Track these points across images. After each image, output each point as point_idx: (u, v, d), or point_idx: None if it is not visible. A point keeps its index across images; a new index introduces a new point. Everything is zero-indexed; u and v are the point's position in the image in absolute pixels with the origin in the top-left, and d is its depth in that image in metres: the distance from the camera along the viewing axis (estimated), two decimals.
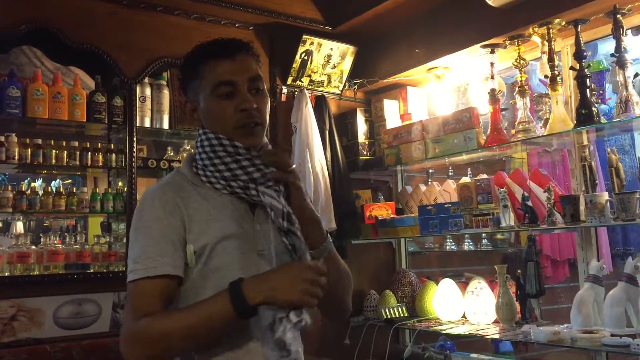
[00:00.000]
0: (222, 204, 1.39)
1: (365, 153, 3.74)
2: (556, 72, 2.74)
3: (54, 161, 2.90)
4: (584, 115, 2.57)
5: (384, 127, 3.69)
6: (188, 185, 1.42)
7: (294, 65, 3.51)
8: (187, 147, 3.34)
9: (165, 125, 3.22)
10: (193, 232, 1.35)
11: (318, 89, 3.68)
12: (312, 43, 3.49)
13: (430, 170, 3.90)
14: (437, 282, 3.38)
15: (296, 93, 3.57)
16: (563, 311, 3.25)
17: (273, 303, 1.23)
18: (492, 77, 3.03)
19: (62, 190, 2.96)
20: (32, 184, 3.04)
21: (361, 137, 3.73)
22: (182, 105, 1.53)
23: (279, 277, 1.26)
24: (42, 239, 2.92)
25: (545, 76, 2.78)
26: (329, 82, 3.70)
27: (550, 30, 2.75)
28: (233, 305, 1.22)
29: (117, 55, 3.05)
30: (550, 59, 2.75)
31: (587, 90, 2.58)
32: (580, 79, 2.60)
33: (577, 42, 2.63)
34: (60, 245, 2.90)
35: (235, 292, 1.23)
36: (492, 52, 3.04)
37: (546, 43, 2.79)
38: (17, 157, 2.80)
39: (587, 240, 2.80)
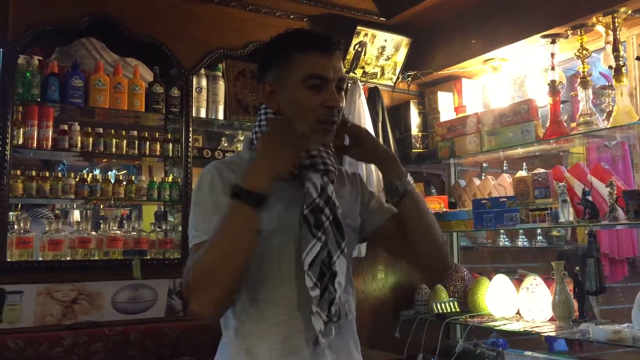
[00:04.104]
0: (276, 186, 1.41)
1: (418, 146, 3.70)
2: (621, 63, 2.65)
3: (113, 150, 2.97)
4: None
5: (437, 119, 3.64)
6: (246, 166, 1.44)
7: (348, 57, 3.50)
8: (241, 138, 3.38)
9: (220, 116, 3.27)
10: None
11: (371, 80, 3.65)
12: (366, 34, 3.48)
13: (484, 165, 3.84)
14: (489, 278, 3.32)
15: (349, 85, 3.56)
16: (622, 312, 3.14)
17: (276, 175, 1.32)
18: (553, 68, 2.94)
19: (120, 178, 3.03)
20: (92, 173, 3.12)
21: (414, 130, 3.70)
22: (260, 86, 1.53)
23: (262, 158, 1.35)
24: (101, 226, 3.01)
25: (610, 67, 2.69)
26: (383, 73, 3.68)
27: (616, 19, 2.66)
28: (246, 202, 1.28)
29: (175, 47, 3.11)
30: (615, 49, 2.66)
31: None
32: None
33: None
34: (118, 232, 2.98)
35: (239, 191, 1.29)
36: (553, 42, 2.95)
37: (611, 33, 2.70)
38: (79, 146, 2.89)
39: None
